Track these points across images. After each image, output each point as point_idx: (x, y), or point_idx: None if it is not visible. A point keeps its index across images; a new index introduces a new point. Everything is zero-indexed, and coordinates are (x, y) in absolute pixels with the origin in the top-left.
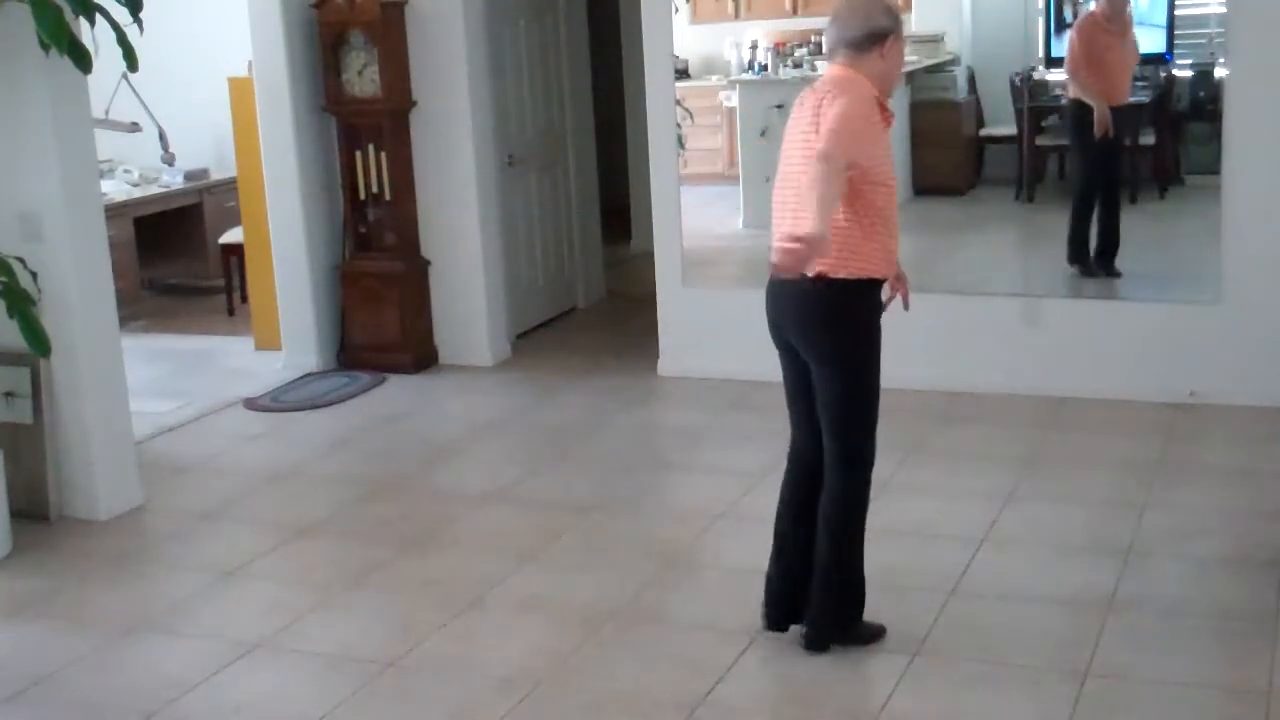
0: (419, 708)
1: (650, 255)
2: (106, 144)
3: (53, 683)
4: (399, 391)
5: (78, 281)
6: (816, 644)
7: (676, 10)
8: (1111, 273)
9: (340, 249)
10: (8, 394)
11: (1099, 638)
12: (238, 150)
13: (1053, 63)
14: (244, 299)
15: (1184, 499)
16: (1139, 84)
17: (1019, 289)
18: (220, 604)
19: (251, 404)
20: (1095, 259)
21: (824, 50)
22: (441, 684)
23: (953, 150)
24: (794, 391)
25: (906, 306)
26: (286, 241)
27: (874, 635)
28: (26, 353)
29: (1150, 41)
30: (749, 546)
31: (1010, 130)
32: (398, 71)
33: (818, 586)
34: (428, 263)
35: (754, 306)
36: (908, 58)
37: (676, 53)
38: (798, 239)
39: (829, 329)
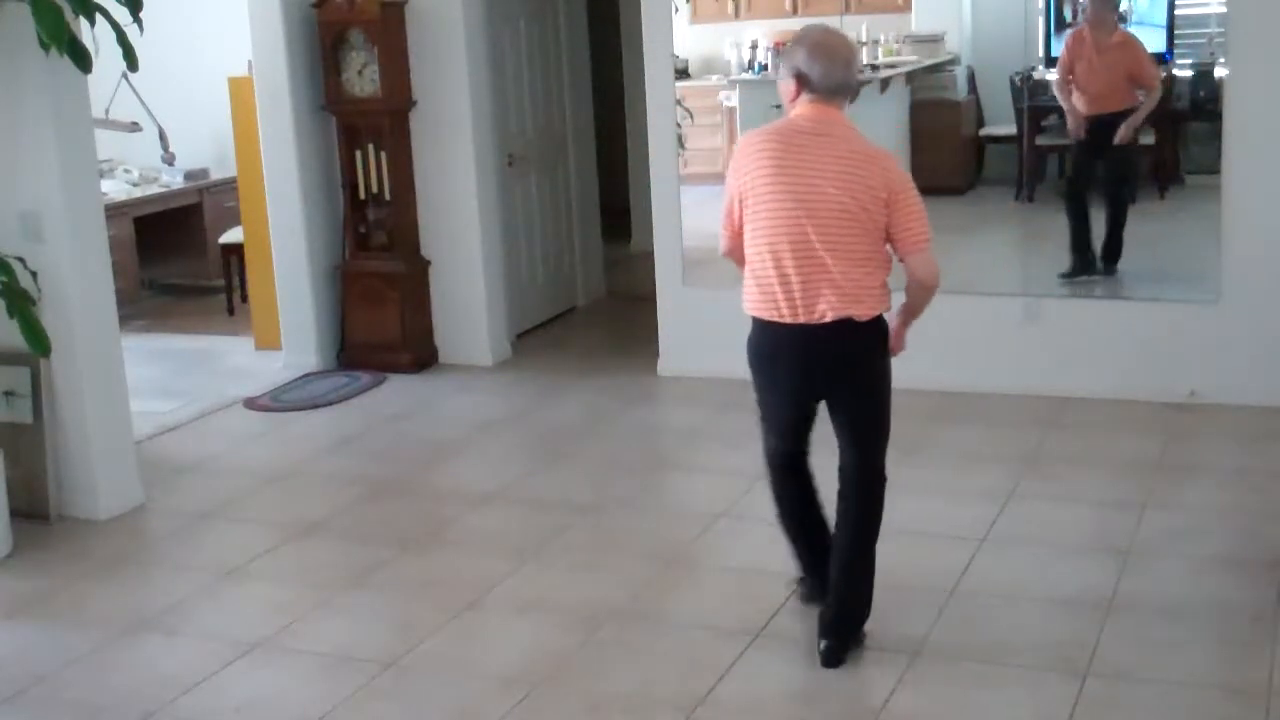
0: (419, 708)
1: (650, 255)
2: (106, 144)
3: (53, 683)
4: (399, 391)
5: (78, 281)
6: (839, 657)
7: (676, 10)
8: (1109, 272)
9: (340, 249)
10: (8, 394)
11: (1099, 638)
12: (238, 150)
13: (1052, 62)
14: (244, 299)
15: (1184, 499)
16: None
17: (1019, 289)
18: (220, 604)
19: (251, 404)
20: (1101, 258)
21: (823, 88)
22: (441, 684)
23: (953, 150)
24: (804, 422)
25: None
26: (286, 241)
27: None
28: (26, 353)
29: (1150, 41)
30: (749, 546)
31: (1010, 130)
32: (398, 71)
33: (852, 599)
34: (428, 263)
35: None
36: (907, 57)
37: (676, 53)
38: None
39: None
